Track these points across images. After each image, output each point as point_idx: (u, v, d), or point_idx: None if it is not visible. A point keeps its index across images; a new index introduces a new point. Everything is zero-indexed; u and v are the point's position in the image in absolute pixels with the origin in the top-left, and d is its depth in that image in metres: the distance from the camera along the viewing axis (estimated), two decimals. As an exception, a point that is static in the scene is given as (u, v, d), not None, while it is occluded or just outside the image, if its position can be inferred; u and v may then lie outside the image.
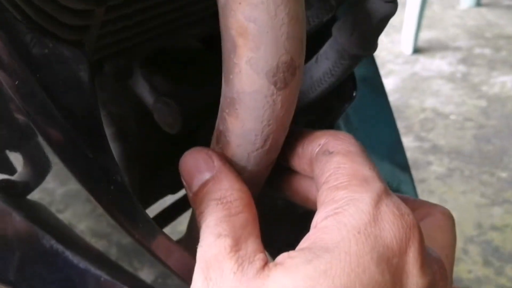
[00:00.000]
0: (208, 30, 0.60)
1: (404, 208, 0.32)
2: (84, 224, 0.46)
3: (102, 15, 0.43)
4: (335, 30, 0.50)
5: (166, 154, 0.56)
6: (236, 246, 0.33)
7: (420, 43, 2.88)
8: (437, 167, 1.77)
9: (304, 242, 0.32)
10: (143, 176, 0.55)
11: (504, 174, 1.70)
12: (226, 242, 0.33)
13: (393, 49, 2.77)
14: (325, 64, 0.52)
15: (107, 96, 0.54)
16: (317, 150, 0.39)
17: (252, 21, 0.34)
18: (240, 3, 0.34)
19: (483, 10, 3.46)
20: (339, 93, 0.59)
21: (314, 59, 0.54)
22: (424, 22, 2.90)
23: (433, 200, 1.46)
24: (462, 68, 2.58)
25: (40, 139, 0.31)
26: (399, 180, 0.70)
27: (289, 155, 0.43)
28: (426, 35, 3.00)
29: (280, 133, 0.39)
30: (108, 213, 0.35)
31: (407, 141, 1.93)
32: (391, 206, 0.32)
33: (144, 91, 0.53)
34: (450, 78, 2.47)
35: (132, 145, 0.54)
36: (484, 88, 2.35)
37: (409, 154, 1.86)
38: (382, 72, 0.39)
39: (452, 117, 2.11)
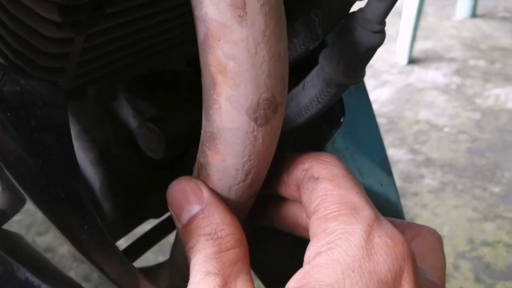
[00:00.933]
0: (194, 51, 0.59)
1: (397, 236, 0.32)
2: (65, 247, 0.45)
3: (82, 43, 0.42)
4: (321, 59, 0.49)
5: (150, 178, 0.55)
6: (225, 285, 0.32)
7: (415, 53, 2.89)
8: (430, 181, 1.77)
9: (298, 281, 0.31)
10: (126, 201, 0.54)
11: (496, 189, 1.69)
12: (215, 281, 0.32)
13: (388, 59, 2.77)
14: (312, 92, 0.51)
15: (90, 120, 0.53)
16: (302, 175, 0.38)
17: (232, 58, 0.33)
18: (219, 40, 0.33)
19: (478, 21, 3.47)
20: (326, 118, 0.58)
21: (301, 85, 0.53)
22: (420, 32, 2.90)
23: (426, 214, 1.46)
24: (456, 79, 2.58)
25: (10, 176, 0.30)
26: (384, 182, 0.70)
27: (275, 183, 0.42)
28: (421, 45, 3.01)
29: (262, 167, 0.38)
30: (81, 253, 0.34)
31: (401, 154, 1.93)
32: (384, 236, 0.31)
33: (128, 115, 0.52)
34: (445, 89, 2.47)
35: (115, 170, 0.53)
36: (478, 100, 2.35)
37: (402, 167, 1.86)
38: (377, 82, 0.39)
39: (446, 129, 2.11)
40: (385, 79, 2.54)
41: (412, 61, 2.84)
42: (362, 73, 0.48)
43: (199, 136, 0.39)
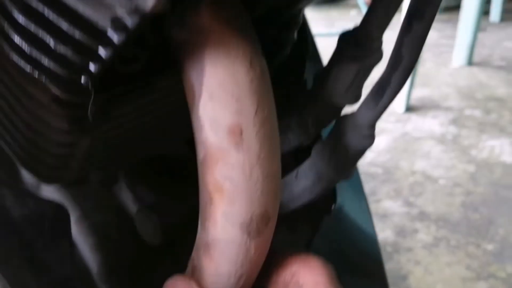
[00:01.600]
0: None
1: None
2: None
3: (87, 143, 0.44)
4: (314, 153, 0.51)
5: (148, 262, 0.56)
6: None
7: (413, 101, 2.93)
8: (424, 235, 1.77)
9: None
10: (124, 284, 0.55)
11: (490, 247, 1.70)
12: None
13: (385, 107, 2.80)
14: (304, 182, 0.53)
15: (90, 204, 0.55)
16: (289, 279, 0.40)
17: (229, 179, 0.35)
18: (217, 162, 0.35)
19: (474, 69, 3.54)
20: (317, 205, 0.60)
21: (294, 174, 0.55)
22: (417, 79, 2.96)
23: (419, 271, 1.45)
24: (453, 129, 2.62)
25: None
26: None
27: (265, 281, 0.43)
28: (419, 92, 3.06)
29: (253, 273, 0.40)
30: None
31: (396, 206, 1.94)
32: None
33: (127, 200, 0.54)
34: (441, 139, 2.51)
35: (114, 254, 0.54)
36: (474, 152, 2.38)
37: (396, 220, 1.87)
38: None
39: (441, 181, 2.13)
40: (383, 128, 2.58)
41: (409, 108, 2.89)
42: (353, 170, 0.51)
43: (195, 223, 0.41)
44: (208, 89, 0.34)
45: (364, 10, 3.84)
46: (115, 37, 0.30)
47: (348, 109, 0.49)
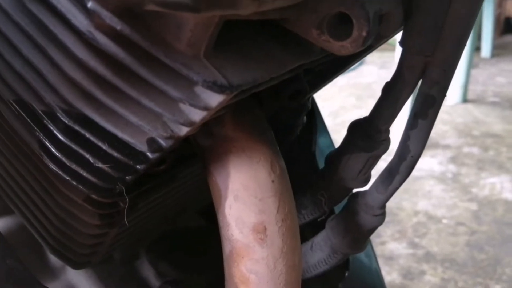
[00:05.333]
0: (207, 202, 0.64)
1: None
2: None
3: (115, 233, 0.47)
4: (329, 228, 0.54)
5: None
6: None
7: (411, 140, 2.97)
8: (431, 277, 1.78)
9: None
10: None
11: (498, 287, 1.71)
12: None
13: (384, 147, 2.84)
14: (320, 255, 0.56)
15: (114, 283, 0.57)
16: None
17: (254, 273, 0.38)
18: (242, 258, 0.38)
19: (469, 106, 3.60)
20: (332, 273, 0.63)
21: (309, 245, 0.58)
22: (414, 120, 3.00)
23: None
24: (452, 167, 2.65)
25: None
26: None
27: None
28: (416, 132, 3.09)
29: None
30: None
31: (401, 248, 1.95)
32: None
33: (150, 275, 0.56)
34: (441, 178, 2.53)
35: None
36: (474, 190, 2.40)
37: (402, 262, 1.88)
38: (376, 171, 0.43)
39: (445, 221, 2.15)
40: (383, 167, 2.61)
41: (408, 148, 2.92)
42: (366, 244, 0.53)
43: None
44: (233, 191, 0.38)
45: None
46: (150, 155, 0.33)
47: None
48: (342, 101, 3.77)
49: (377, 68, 4.55)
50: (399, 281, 1.80)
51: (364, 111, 3.49)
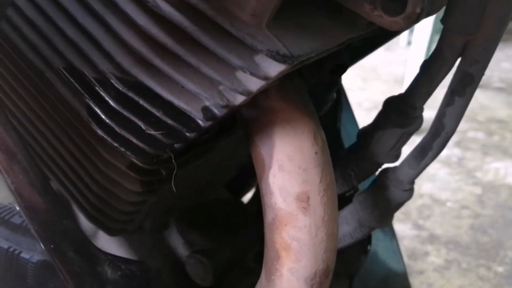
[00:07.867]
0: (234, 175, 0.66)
1: None
2: None
3: (152, 201, 0.48)
4: (356, 201, 0.56)
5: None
6: None
7: (416, 124, 2.97)
8: (435, 258, 1.81)
9: None
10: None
11: (500, 269, 1.73)
12: None
13: (390, 130, 2.85)
14: (346, 228, 0.57)
15: (145, 251, 0.58)
16: None
17: (296, 240, 0.40)
18: (285, 225, 0.40)
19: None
20: (354, 247, 0.64)
21: (334, 219, 0.59)
22: (420, 103, 3.00)
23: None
24: (457, 151, 2.66)
25: None
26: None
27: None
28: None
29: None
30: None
31: (405, 229, 1.97)
32: None
33: (178, 245, 0.58)
34: (446, 162, 2.55)
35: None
36: (479, 174, 2.42)
37: (407, 243, 1.90)
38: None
39: (449, 204, 2.17)
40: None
41: (413, 131, 2.93)
42: (391, 219, 0.55)
43: (240, 262, 0.45)
44: (278, 161, 0.39)
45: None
46: (203, 123, 0.34)
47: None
48: (348, 83, 3.76)
49: (383, 50, 4.53)
50: (404, 261, 1.82)
51: (369, 92, 3.50)
